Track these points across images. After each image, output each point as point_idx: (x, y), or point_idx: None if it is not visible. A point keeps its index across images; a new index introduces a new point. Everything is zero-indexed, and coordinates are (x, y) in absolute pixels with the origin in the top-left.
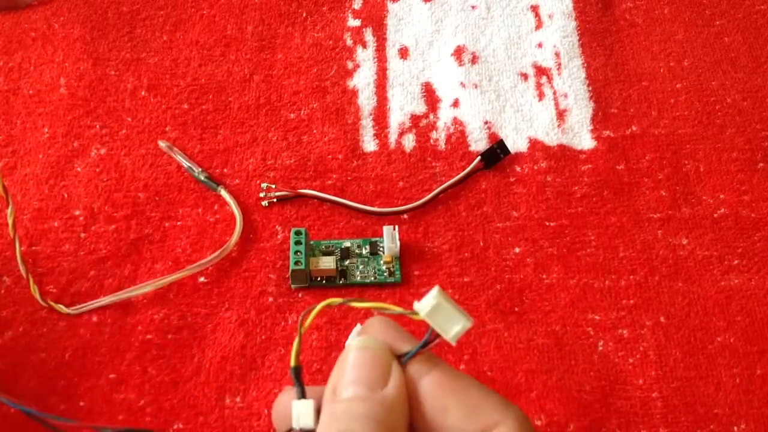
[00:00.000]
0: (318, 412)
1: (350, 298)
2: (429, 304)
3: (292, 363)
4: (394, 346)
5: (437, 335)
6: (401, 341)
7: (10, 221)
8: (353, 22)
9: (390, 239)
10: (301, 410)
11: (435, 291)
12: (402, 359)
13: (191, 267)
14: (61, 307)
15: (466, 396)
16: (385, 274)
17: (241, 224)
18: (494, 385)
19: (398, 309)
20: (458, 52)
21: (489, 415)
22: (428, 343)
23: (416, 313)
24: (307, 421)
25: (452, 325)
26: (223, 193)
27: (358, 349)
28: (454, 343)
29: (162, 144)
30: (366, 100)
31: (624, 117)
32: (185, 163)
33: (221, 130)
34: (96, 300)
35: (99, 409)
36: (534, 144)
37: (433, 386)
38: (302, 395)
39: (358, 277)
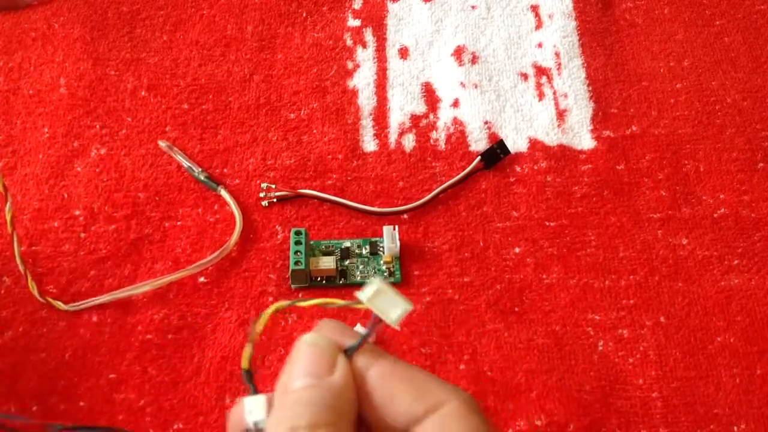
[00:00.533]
0: (270, 406)
1: (297, 299)
2: (370, 291)
3: (244, 365)
4: (341, 342)
5: (380, 320)
6: (348, 338)
7: (8, 217)
8: (353, 22)
9: (390, 239)
10: (252, 405)
11: (376, 279)
12: (348, 352)
13: (191, 267)
14: (59, 304)
15: (412, 381)
16: (385, 274)
17: (241, 224)
18: (494, 385)
19: (341, 302)
20: (458, 52)
21: (435, 395)
22: (371, 332)
23: (360, 302)
24: (259, 414)
25: (393, 309)
26: (223, 193)
27: (305, 345)
28: (396, 327)
29: (162, 144)
30: (366, 100)
31: (624, 117)
32: (185, 163)
33: (221, 130)
34: (95, 297)
35: (99, 409)
36: (534, 144)
37: (379, 376)
38: (255, 394)
39: (358, 277)
